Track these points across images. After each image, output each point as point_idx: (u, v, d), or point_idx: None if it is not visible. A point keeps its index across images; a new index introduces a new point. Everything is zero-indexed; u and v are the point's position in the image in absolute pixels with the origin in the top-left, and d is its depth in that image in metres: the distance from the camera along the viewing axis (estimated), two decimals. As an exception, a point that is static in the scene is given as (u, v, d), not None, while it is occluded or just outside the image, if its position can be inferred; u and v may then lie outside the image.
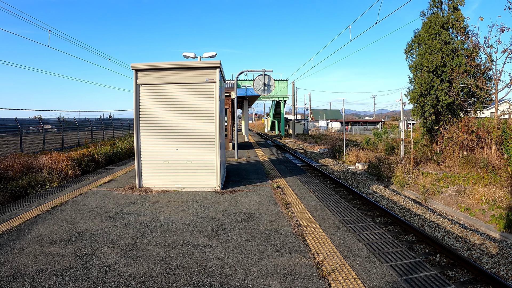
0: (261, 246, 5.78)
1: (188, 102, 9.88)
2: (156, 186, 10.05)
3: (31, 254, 5.42)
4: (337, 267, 5.00)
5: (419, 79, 18.99)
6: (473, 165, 15.27)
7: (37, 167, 14.68)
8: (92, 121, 33.69)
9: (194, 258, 5.29)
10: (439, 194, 14.13)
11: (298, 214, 7.74)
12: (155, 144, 9.92)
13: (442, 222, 11.23)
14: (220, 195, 9.50)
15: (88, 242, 5.96)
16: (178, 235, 6.35)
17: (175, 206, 8.34)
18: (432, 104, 18.65)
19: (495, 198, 11.76)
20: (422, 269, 5.44)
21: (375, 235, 7.07)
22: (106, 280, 4.59)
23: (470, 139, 16.85)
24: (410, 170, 17.57)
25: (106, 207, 8.28)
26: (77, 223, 6.99)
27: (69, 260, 5.18)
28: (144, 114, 9.89)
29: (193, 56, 15.65)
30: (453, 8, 18.75)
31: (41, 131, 24.29)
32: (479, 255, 8.83)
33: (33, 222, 7.08)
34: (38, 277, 4.65)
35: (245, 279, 4.62)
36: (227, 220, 7.23)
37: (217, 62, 9.82)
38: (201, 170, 9.96)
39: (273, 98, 57.36)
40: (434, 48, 18.26)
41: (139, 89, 9.85)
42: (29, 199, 9.33)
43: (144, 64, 9.82)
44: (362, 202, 13.62)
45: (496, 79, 16.61)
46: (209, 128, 9.85)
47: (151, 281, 4.56)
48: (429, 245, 9.24)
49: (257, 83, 17.25)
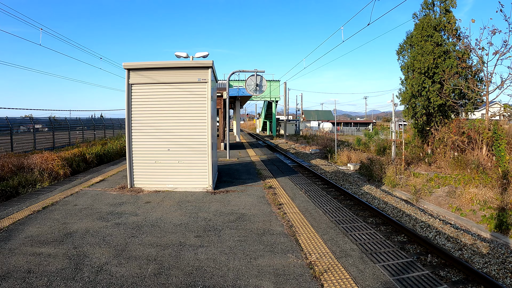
0: (254, 246, 5.77)
1: (180, 102, 9.84)
2: (148, 186, 10.00)
3: (22, 254, 5.36)
4: (330, 267, 5.01)
5: (411, 80, 19.09)
6: (464, 166, 15.38)
7: (28, 167, 14.56)
8: (83, 121, 33.46)
9: (186, 259, 5.27)
10: (430, 194, 14.22)
11: (290, 214, 7.74)
12: (147, 143, 9.87)
13: (434, 222, 11.31)
14: (212, 195, 9.48)
15: (79, 242, 5.91)
16: (170, 235, 6.33)
17: (167, 206, 8.31)
18: (424, 105, 18.75)
19: (486, 198, 11.86)
20: (414, 269, 5.48)
21: (367, 235, 7.09)
22: (98, 280, 4.55)
23: (461, 140, 16.96)
24: (402, 171, 17.66)
25: (98, 207, 8.22)
26: (68, 223, 6.93)
27: (60, 261, 5.13)
28: (136, 113, 9.84)
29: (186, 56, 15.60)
30: (445, 10, 18.86)
31: (32, 130, 24.07)
32: (470, 255, 8.90)
33: (24, 222, 7.01)
34: (29, 277, 4.60)
35: (238, 280, 4.61)
36: (219, 220, 7.21)
37: (210, 62, 9.79)
38: (193, 170, 9.93)
39: (265, 99, 57.41)
40: (426, 50, 18.36)
41: (131, 88, 9.80)
42: (20, 199, 9.24)
43: (136, 64, 9.77)
44: (354, 202, 13.67)
45: (487, 81, 16.74)
46: (201, 128, 9.82)
47: (143, 282, 4.53)
48: (420, 245, 9.30)
49: (249, 83, 17.23)
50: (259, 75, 17.20)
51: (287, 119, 61.18)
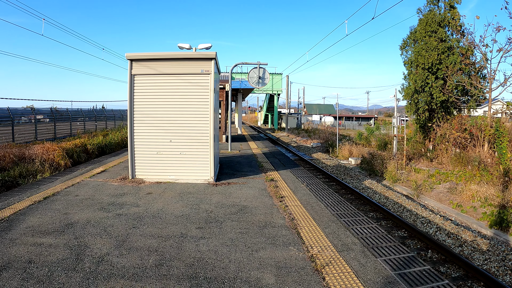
0: (255, 239, 5.76)
1: (182, 93, 9.81)
2: (149, 177, 9.99)
3: (23, 244, 5.36)
4: (331, 260, 5.00)
5: (414, 75, 19.01)
6: (465, 162, 15.36)
7: (29, 157, 14.55)
8: (84, 112, 33.44)
9: (188, 250, 5.26)
10: (431, 190, 14.21)
11: (292, 207, 7.73)
12: (149, 134, 9.84)
13: (434, 218, 11.30)
14: (213, 187, 9.47)
15: (80, 233, 5.91)
16: (171, 226, 6.32)
17: (168, 197, 8.30)
18: (426, 101, 18.70)
19: (486, 195, 11.84)
20: (415, 264, 5.48)
21: (368, 230, 7.09)
22: (99, 271, 4.55)
23: (463, 137, 16.93)
24: (403, 166, 17.63)
25: (99, 198, 8.22)
26: (69, 214, 6.93)
27: (61, 251, 5.13)
28: (138, 104, 9.81)
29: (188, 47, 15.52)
30: (450, 6, 18.75)
31: (34, 121, 24.03)
32: (470, 251, 8.90)
33: (25, 212, 7.00)
34: (30, 268, 4.60)
35: (239, 272, 4.60)
36: (221, 212, 7.21)
37: (213, 53, 9.73)
38: (195, 161, 9.92)
39: (267, 92, 57.28)
40: (430, 46, 18.28)
41: (133, 79, 9.75)
42: (21, 189, 9.24)
43: (139, 54, 9.72)
44: (355, 196, 13.67)
45: (491, 78, 16.68)
46: (203, 120, 9.79)
47: (144, 273, 4.53)
48: (421, 240, 9.30)
49: (252, 76, 17.17)
50: (261, 68, 17.13)
51: (288, 112, 61.09)
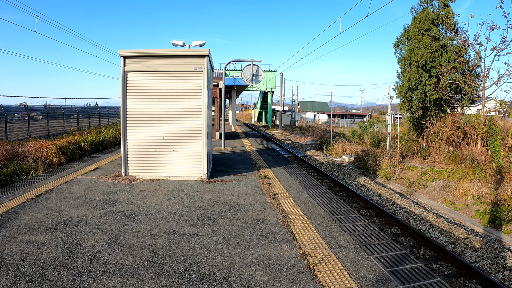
0: (247, 236, 5.77)
1: (176, 90, 9.78)
2: (142, 174, 9.96)
3: (15, 242, 5.33)
4: (324, 257, 5.01)
5: (408, 73, 19.09)
6: (458, 160, 15.44)
7: (22, 155, 14.47)
8: (78, 109, 33.27)
9: (180, 247, 5.26)
10: (425, 188, 14.28)
11: (285, 204, 7.74)
12: (142, 132, 9.81)
13: (427, 216, 11.36)
14: (206, 184, 9.46)
15: (73, 230, 5.88)
16: (164, 224, 6.31)
17: (161, 195, 8.28)
18: (420, 99, 18.78)
19: (479, 193, 11.92)
20: (408, 261, 5.50)
21: (361, 227, 7.11)
22: (91, 269, 4.54)
23: (456, 135, 17.02)
24: (396, 164, 17.71)
25: (92, 195, 8.18)
26: (62, 211, 6.90)
27: (53, 249, 5.11)
28: (131, 101, 9.76)
29: (182, 44, 15.47)
30: (444, 4, 18.82)
31: (27, 118, 23.88)
32: (463, 249, 8.96)
33: (17, 210, 6.96)
34: (23, 265, 4.58)
35: (231, 269, 4.61)
36: (213, 210, 7.20)
37: (206, 50, 9.70)
38: (188, 159, 9.90)
39: (261, 89, 57.22)
40: (423, 44, 18.35)
41: (126, 76, 9.71)
42: (14, 187, 9.18)
43: (132, 51, 9.68)
44: (348, 194, 13.71)
45: (484, 77, 16.77)
46: (196, 117, 9.77)
47: (136, 270, 4.52)
48: (414, 238, 9.35)
49: (246, 73, 17.15)
50: (255, 65, 17.11)
51: (282, 109, 61.08)
